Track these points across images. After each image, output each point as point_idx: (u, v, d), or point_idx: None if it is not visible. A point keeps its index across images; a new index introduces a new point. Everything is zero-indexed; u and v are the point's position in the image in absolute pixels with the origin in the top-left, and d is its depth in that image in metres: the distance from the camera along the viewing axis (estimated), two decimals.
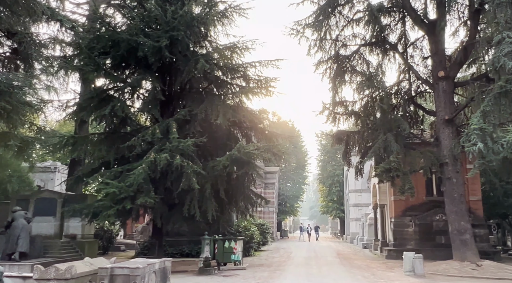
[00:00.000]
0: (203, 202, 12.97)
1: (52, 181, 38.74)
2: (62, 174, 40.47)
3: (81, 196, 16.74)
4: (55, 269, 7.54)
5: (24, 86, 15.27)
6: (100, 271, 7.62)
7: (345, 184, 45.53)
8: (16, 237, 13.03)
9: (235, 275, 12.08)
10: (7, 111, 14.93)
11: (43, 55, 17.75)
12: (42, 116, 18.27)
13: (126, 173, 12.52)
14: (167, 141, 12.62)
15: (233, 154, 12.29)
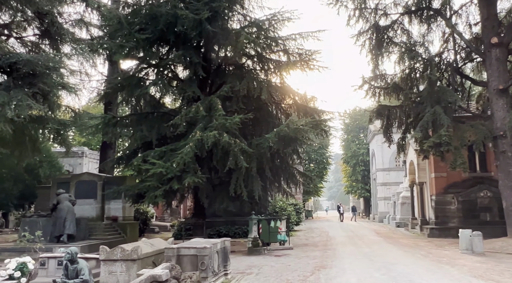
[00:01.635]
0: (249, 182, 12.57)
1: (80, 166, 39.22)
2: (90, 159, 40.92)
3: (120, 178, 16.60)
4: (121, 250, 7.30)
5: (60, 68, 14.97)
6: (166, 252, 7.33)
7: (371, 163, 44.62)
8: (63, 220, 12.97)
9: (286, 255, 11.75)
10: (44, 93, 14.72)
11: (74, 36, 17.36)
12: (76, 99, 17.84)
13: (170, 153, 12.19)
14: (211, 119, 12.16)
15: (282, 130, 11.76)
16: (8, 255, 12.42)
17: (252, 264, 9.99)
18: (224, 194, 12.89)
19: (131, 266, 7.27)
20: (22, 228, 13.23)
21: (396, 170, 37.97)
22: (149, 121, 13.69)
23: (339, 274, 8.09)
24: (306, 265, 9.61)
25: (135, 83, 14.27)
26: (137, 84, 14.53)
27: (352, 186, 51.50)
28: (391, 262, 9.64)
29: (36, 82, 13.40)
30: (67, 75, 16.17)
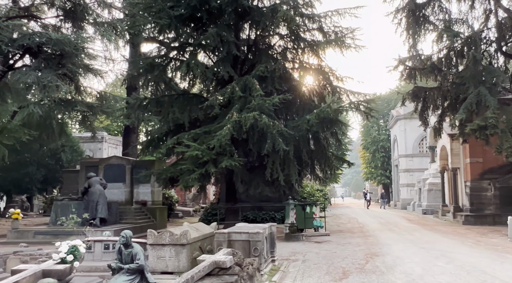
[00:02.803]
0: (285, 165, 12.09)
1: (100, 151, 39.35)
2: (109, 144, 41.02)
3: (149, 162, 16.31)
4: (169, 234, 6.95)
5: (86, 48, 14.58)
6: (217, 237, 6.94)
7: (392, 149, 43.63)
8: (95, 203, 12.75)
9: (326, 241, 11.32)
10: (73, 75, 14.39)
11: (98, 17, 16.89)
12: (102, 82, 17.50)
13: (204, 136, 11.76)
14: (246, 100, 11.64)
15: (323, 111, 11.17)
16: (42, 237, 12.31)
17: (295, 251, 9.59)
18: (259, 179, 12.44)
19: (180, 251, 6.91)
20: (54, 211, 13.09)
21: (419, 156, 37.02)
22: (180, 103, 13.24)
23: (397, 262, 7.60)
24: (354, 252, 9.15)
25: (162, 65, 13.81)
26: (161, 66, 14.11)
27: (371, 173, 50.67)
28: (446, 250, 9.10)
29: (65, 63, 13.06)
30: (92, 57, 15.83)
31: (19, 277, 5.11)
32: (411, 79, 16.76)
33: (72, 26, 17.45)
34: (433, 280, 6.07)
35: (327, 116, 11.46)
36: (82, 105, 14.70)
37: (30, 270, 5.40)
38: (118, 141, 41.76)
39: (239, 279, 4.96)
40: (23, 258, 7.07)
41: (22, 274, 5.22)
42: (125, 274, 5.54)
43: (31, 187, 29.08)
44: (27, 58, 15.10)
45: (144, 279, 5.64)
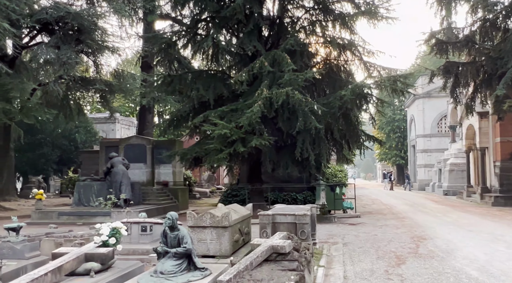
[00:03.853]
0: (316, 144, 11.56)
1: (113, 131, 39.18)
2: (122, 124, 40.78)
3: (169, 142, 15.93)
4: (210, 216, 6.54)
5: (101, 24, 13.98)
6: (261, 219, 6.51)
7: (409, 130, 42.76)
8: (118, 184, 12.43)
9: (361, 223, 10.89)
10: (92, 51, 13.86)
11: None
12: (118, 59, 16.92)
13: (231, 114, 11.23)
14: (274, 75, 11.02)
15: (358, 86, 10.51)
16: (66, 218, 12.09)
17: (331, 233, 9.17)
18: (288, 158, 11.95)
19: (222, 233, 6.50)
20: (77, 192, 12.83)
21: (438, 136, 36.19)
22: (203, 80, 12.66)
23: (451, 247, 7.12)
24: (396, 235, 8.70)
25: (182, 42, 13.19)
26: (178, 44, 13.50)
27: (385, 153, 49.93)
28: (495, 233, 8.60)
29: (84, 39, 12.51)
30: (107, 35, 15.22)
31: (63, 261, 4.74)
32: (442, 53, 15.90)
33: (86, 2, 16.82)
34: (504, 267, 5.59)
35: (361, 92, 10.81)
36: (101, 83, 14.24)
37: (72, 253, 5.04)
38: (130, 122, 41.55)
39: (299, 266, 4.52)
40: (57, 240, 6.74)
41: (65, 258, 4.86)
42: (172, 258, 5.15)
43: (47, 168, 29.11)
44: (34, 43, 14.56)
45: (192, 264, 5.26)
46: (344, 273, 5.56)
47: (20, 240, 5.61)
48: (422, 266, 5.66)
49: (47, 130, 29.38)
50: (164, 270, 4.97)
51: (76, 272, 4.99)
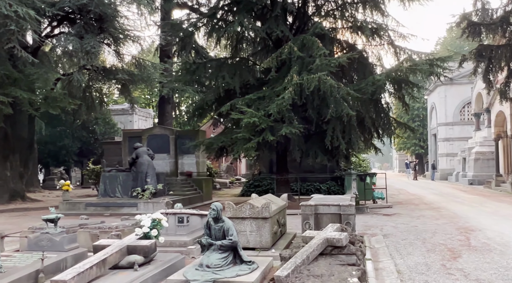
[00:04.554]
0: (346, 132, 11.15)
1: (131, 123, 39.31)
2: (139, 116, 40.86)
3: (192, 132, 15.72)
4: (250, 207, 6.28)
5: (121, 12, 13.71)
6: (303, 209, 6.20)
7: (429, 118, 41.68)
8: (144, 174, 12.30)
9: (396, 214, 10.50)
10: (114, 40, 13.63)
11: None
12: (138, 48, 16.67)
13: (258, 102, 10.90)
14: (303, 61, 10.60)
15: (394, 70, 10.01)
16: (93, 209, 12.03)
17: (367, 224, 8.82)
18: (316, 147, 11.59)
19: (262, 225, 6.24)
20: (103, 182, 12.76)
21: (460, 124, 35.13)
22: (228, 68, 12.33)
23: (506, 239, 6.68)
24: (438, 226, 8.30)
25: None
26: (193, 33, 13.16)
27: (404, 143, 48.96)
28: None
29: (106, 27, 12.27)
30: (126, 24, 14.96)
31: (106, 254, 4.54)
32: (475, 36, 15.11)
33: None
34: None
35: (396, 77, 10.30)
36: (123, 73, 14.02)
37: (114, 246, 4.84)
38: (147, 113, 41.64)
39: (357, 260, 4.21)
40: (93, 232, 6.58)
41: (108, 250, 4.65)
42: (217, 251, 4.90)
43: (68, 159, 29.42)
44: (56, 33, 14.37)
45: (238, 257, 5.01)
46: (396, 267, 5.22)
47: (59, 232, 5.44)
48: (482, 260, 5.28)
49: (67, 122, 29.64)
50: (210, 263, 4.73)
51: (119, 265, 4.80)
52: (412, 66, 10.12)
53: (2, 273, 4.52)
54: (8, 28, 8.91)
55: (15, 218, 11.49)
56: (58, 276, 3.98)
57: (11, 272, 4.56)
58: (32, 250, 5.33)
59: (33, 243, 5.40)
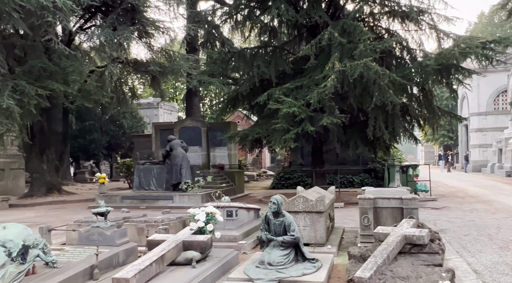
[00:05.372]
0: (389, 122, 10.61)
1: (156, 117, 39.56)
2: (164, 110, 41.09)
3: (224, 124, 15.49)
4: (303, 200, 5.94)
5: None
6: (361, 203, 5.80)
7: (459, 108, 40.04)
8: (178, 167, 12.14)
9: (444, 207, 9.93)
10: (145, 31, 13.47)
11: None
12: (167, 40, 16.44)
13: (296, 91, 10.48)
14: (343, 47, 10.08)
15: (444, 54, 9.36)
16: (129, 202, 11.98)
17: None
18: (357, 138, 11.09)
19: (316, 219, 5.88)
20: (137, 175, 12.69)
21: (495, 114, 33.54)
22: (262, 57, 11.94)
23: None
24: (499, 221, 7.71)
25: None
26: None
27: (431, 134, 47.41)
28: None
29: (140, 18, 12.09)
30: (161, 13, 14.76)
31: (164, 250, 4.30)
32: None
33: None
34: None
35: (447, 62, 9.65)
36: (155, 65, 13.85)
37: (170, 241, 4.59)
38: (172, 107, 41.85)
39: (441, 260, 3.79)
40: (139, 225, 6.40)
41: (165, 246, 4.41)
42: (278, 247, 4.58)
43: (97, 153, 29.86)
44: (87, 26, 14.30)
45: (300, 254, 4.68)
46: (470, 267, 4.77)
47: (109, 226, 5.25)
48: None
49: (96, 116, 30.07)
50: (273, 261, 4.42)
51: (176, 262, 4.56)
52: (465, 50, 9.43)
53: (58, 269, 4.35)
54: (46, 20, 8.82)
55: (54, 210, 11.59)
56: (119, 273, 3.76)
57: (66, 268, 4.39)
58: (83, 244, 5.18)
59: (84, 237, 5.24)
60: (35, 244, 4.18)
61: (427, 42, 12.77)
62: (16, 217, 10.14)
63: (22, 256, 3.99)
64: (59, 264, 4.44)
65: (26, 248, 4.05)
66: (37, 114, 10.89)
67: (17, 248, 4.07)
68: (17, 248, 4.09)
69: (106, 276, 4.60)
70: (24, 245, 4.03)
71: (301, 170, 19.04)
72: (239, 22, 12.35)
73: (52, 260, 4.37)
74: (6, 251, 4.24)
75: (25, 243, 4.05)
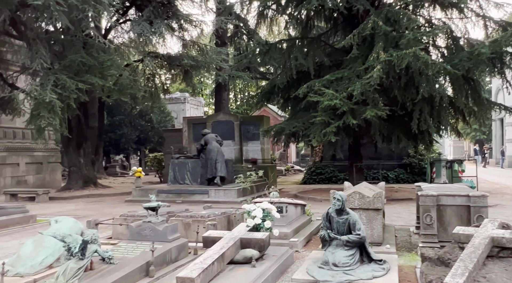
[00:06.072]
0: (435, 114, 10.07)
1: (183, 111, 39.80)
2: (191, 104, 41.29)
3: (257, 118, 15.27)
4: (359, 196, 5.63)
5: None
6: (423, 200, 5.42)
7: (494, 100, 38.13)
8: (213, 161, 12.03)
9: (497, 204, 9.36)
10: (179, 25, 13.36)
11: None
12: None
13: (336, 83, 10.09)
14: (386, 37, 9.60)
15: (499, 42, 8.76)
16: (165, 196, 11.97)
17: None
18: (399, 131, 10.61)
19: (374, 217, 5.56)
20: (172, 169, 12.67)
21: None
22: (299, 48, 11.58)
23: None
24: None
25: None
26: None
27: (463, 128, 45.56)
28: None
29: (175, 11, 11.98)
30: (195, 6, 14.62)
31: (223, 248, 4.10)
32: None
33: None
34: None
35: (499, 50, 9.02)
36: (189, 58, 13.74)
37: (227, 238, 4.39)
38: (198, 102, 42.01)
39: None
40: (185, 220, 6.26)
41: (223, 244, 4.21)
42: (342, 247, 4.30)
43: (127, 147, 30.41)
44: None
45: (365, 255, 4.39)
46: None
47: (160, 221, 5.12)
48: None
49: (126, 111, 30.55)
50: (338, 261, 4.14)
51: (234, 260, 4.37)
52: None
53: (115, 265, 4.24)
54: (86, 14, 8.82)
55: (92, 204, 11.73)
56: (182, 272, 3.58)
57: (122, 264, 4.27)
58: (134, 239, 5.07)
59: (135, 232, 5.12)
60: (93, 239, 4.08)
61: (473, 30, 12.21)
62: (58, 210, 10.31)
63: (82, 251, 3.89)
64: (115, 260, 4.34)
65: (85, 243, 3.95)
66: (76, 108, 10.98)
67: (77, 243, 3.98)
68: (76, 243, 4.00)
69: (161, 273, 4.47)
70: (84, 240, 3.93)
71: (333, 165, 18.61)
72: (278, 12, 12.00)
73: (109, 255, 4.27)
74: (65, 246, 4.17)
75: (84, 238, 3.95)
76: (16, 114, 12.76)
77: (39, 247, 4.69)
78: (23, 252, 4.66)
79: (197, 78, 35.53)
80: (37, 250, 4.63)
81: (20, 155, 15.02)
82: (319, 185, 16.81)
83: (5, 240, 6.56)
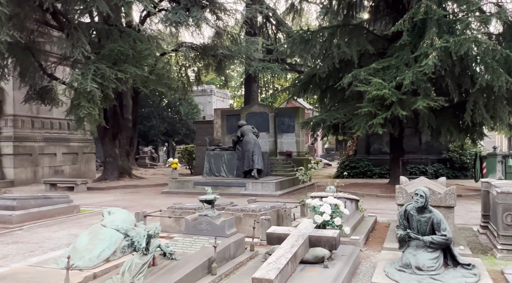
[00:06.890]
0: (490, 106, 9.38)
1: (210, 104, 39.72)
2: (217, 97, 41.16)
3: (292, 109, 14.87)
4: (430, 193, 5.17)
5: None
6: (503, 198, 4.91)
7: None
8: (250, 153, 11.73)
9: None
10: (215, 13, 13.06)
11: None
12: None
13: (382, 72, 9.54)
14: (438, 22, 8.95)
15: None
16: (201, 188, 11.78)
17: None
18: (449, 123, 9.97)
19: (446, 215, 5.01)
20: (207, 161, 12.47)
21: None
22: (340, 36, 11.07)
23: None
24: None
25: None
26: None
27: None
28: None
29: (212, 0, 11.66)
30: None
31: (294, 246, 3.78)
32: None
33: None
34: None
35: None
36: (224, 48, 13.43)
37: (295, 236, 4.06)
38: (224, 94, 41.86)
39: None
40: (236, 214, 5.99)
41: (293, 242, 3.89)
42: (424, 249, 3.89)
43: (156, 139, 30.67)
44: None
45: (450, 258, 3.98)
46: None
47: (217, 215, 4.85)
48: None
49: (154, 103, 30.74)
50: (422, 265, 3.74)
51: (304, 259, 4.06)
52: None
53: (177, 261, 4.01)
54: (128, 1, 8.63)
55: (130, 194, 11.70)
56: (258, 273, 3.28)
57: (184, 261, 4.03)
58: (191, 234, 4.83)
59: (191, 226, 4.89)
60: (156, 233, 3.84)
61: None
62: (97, 200, 10.30)
63: (146, 246, 3.67)
64: (177, 255, 4.10)
65: (149, 238, 3.72)
66: (113, 98, 10.90)
67: (140, 237, 3.75)
68: (139, 237, 3.78)
69: (222, 270, 4.21)
70: (149, 234, 3.69)
71: (367, 159, 18.01)
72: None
73: (170, 251, 4.04)
74: (128, 240, 3.96)
75: (148, 232, 3.72)
76: (54, 104, 12.86)
77: (96, 240, 4.50)
78: (79, 244, 4.49)
79: (228, 69, 35.38)
80: (93, 243, 4.44)
81: (57, 145, 15.22)
82: (354, 179, 16.27)
83: (54, 230, 6.50)
